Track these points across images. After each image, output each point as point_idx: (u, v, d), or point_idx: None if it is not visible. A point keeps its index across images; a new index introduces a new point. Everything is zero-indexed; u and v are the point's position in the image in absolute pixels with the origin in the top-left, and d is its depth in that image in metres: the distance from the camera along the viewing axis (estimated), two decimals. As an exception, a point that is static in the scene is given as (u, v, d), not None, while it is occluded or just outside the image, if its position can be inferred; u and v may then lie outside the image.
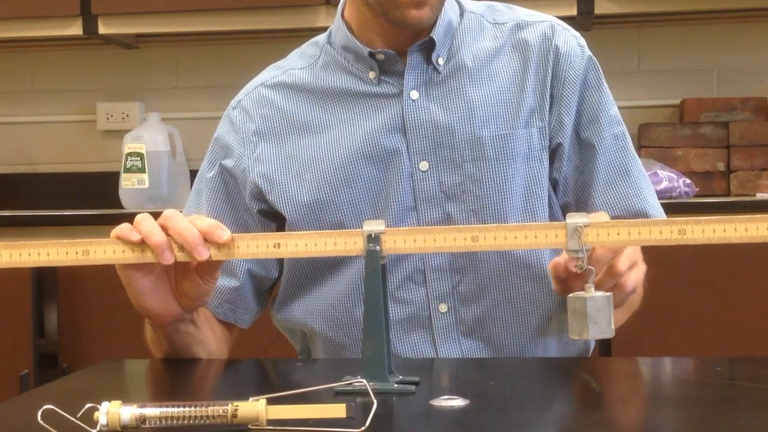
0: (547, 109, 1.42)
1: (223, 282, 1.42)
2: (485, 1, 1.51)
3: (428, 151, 1.41)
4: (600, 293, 1.08)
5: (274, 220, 1.46)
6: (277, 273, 1.48)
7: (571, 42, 1.45)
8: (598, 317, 1.08)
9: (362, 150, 1.42)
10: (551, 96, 1.43)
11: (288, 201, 1.43)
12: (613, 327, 1.09)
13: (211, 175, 1.48)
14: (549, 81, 1.43)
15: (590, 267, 1.07)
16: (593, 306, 1.08)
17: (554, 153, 1.43)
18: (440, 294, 1.41)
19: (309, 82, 1.47)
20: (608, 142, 1.43)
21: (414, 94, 1.42)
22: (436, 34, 1.41)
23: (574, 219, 1.07)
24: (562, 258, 1.18)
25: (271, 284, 1.50)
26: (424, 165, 1.41)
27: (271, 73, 1.52)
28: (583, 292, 1.08)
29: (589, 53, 1.46)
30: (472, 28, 1.46)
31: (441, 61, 1.43)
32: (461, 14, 1.47)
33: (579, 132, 1.43)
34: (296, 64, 1.50)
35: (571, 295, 1.09)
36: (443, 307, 1.41)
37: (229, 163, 1.46)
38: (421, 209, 1.41)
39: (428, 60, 1.42)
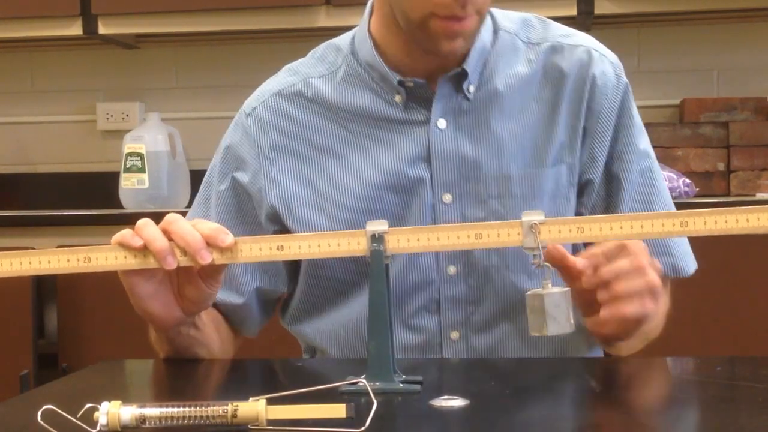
0: (579, 144, 1.38)
1: (230, 299, 1.40)
2: (520, 13, 1.45)
3: (452, 184, 1.37)
4: (557, 289, 1.09)
5: None
6: (285, 287, 1.44)
7: (608, 71, 1.40)
8: (556, 313, 1.08)
9: (385, 179, 1.37)
10: (584, 129, 1.38)
11: (307, 228, 1.38)
12: (572, 322, 1.09)
13: (223, 188, 1.42)
14: (583, 114, 1.38)
15: (546, 264, 1.08)
16: (551, 302, 1.08)
17: (583, 188, 1.39)
18: (453, 322, 1.38)
19: (330, 97, 1.41)
20: (634, 176, 1.39)
21: (441, 123, 1.37)
22: (469, 65, 1.36)
23: (530, 216, 1.07)
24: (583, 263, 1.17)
25: (279, 296, 1.46)
26: (447, 197, 1.37)
27: (287, 79, 1.44)
28: (540, 289, 1.09)
29: (626, 81, 1.42)
30: (505, 50, 1.40)
31: (472, 88, 1.37)
32: (495, 32, 1.41)
33: (608, 164, 1.39)
34: (315, 71, 1.43)
35: (529, 292, 1.09)
36: (455, 335, 1.38)
37: (243, 177, 1.41)
38: None
39: (458, 88, 1.37)
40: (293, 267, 1.43)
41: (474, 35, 1.33)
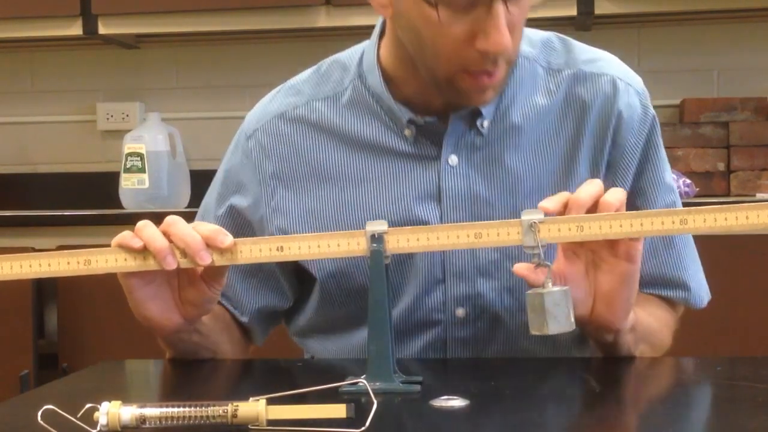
0: (601, 179, 1.24)
1: (235, 313, 1.40)
2: (542, 32, 1.37)
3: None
4: (557, 288, 1.09)
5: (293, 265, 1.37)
6: (290, 303, 1.42)
7: (635, 103, 1.32)
8: (556, 312, 1.08)
9: (392, 217, 1.30)
10: (607, 163, 1.32)
11: (308, 264, 1.34)
12: (572, 320, 1.09)
13: (221, 214, 1.38)
14: (607, 149, 1.31)
15: (546, 263, 1.08)
16: (551, 301, 1.08)
17: None
18: (460, 359, 1.34)
19: (334, 122, 1.34)
20: None
21: (453, 160, 1.30)
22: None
23: (530, 215, 1.07)
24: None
25: (283, 310, 1.44)
26: None
27: (290, 100, 1.38)
28: (540, 288, 1.09)
29: (653, 113, 1.34)
30: (524, 78, 1.32)
31: (486, 123, 1.30)
32: None
33: (630, 199, 1.28)
34: (319, 92, 1.36)
35: (529, 291, 1.09)
36: None
37: (242, 202, 1.37)
38: (449, 283, 1.31)
39: (471, 123, 1.30)
40: (296, 282, 1.41)
41: (504, 83, 1.27)
